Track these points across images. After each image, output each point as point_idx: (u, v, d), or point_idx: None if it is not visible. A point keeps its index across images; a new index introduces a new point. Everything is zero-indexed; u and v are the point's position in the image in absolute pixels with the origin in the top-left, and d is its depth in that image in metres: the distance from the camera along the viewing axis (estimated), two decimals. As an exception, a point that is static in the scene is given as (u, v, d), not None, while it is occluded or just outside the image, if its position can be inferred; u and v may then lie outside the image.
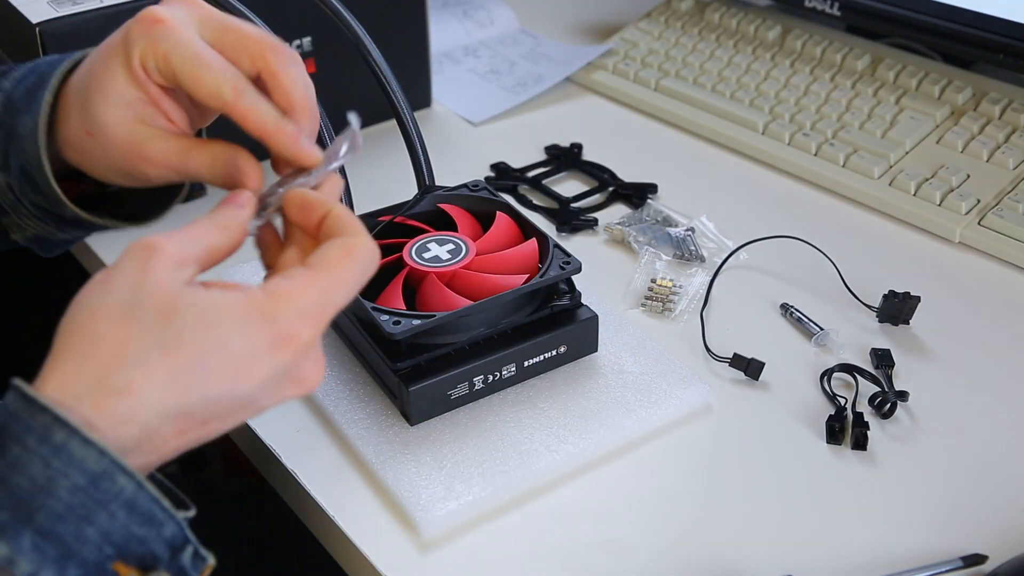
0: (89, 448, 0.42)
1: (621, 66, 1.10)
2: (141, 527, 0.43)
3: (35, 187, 0.58)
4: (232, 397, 0.45)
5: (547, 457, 0.65)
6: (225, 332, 0.44)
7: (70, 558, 0.41)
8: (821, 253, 0.82)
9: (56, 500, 0.41)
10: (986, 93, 0.97)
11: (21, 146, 0.57)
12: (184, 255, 0.46)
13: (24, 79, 0.58)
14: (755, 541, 0.62)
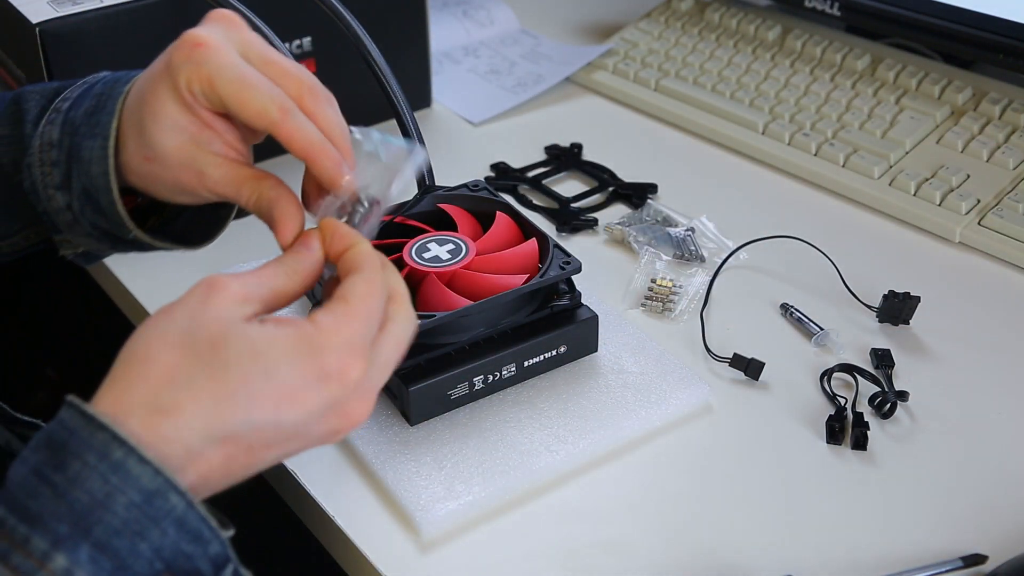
0: (145, 467, 0.43)
1: (621, 66, 1.10)
2: (189, 544, 0.45)
3: (97, 209, 0.59)
4: (276, 424, 0.46)
5: (547, 457, 0.65)
6: (273, 361, 0.46)
7: (124, 571, 0.43)
8: (821, 253, 0.82)
9: (113, 515, 0.43)
10: (986, 93, 0.97)
11: (86, 170, 0.58)
12: (248, 295, 0.48)
13: (81, 100, 0.59)
14: (755, 541, 0.62)
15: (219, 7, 0.77)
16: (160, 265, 0.85)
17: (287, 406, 0.46)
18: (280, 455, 0.49)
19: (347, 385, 0.47)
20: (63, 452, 0.43)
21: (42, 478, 0.43)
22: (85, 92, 0.60)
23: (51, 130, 0.59)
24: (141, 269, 0.85)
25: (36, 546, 0.42)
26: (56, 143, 0.59)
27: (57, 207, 0.60)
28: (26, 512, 0.43)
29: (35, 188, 0.60)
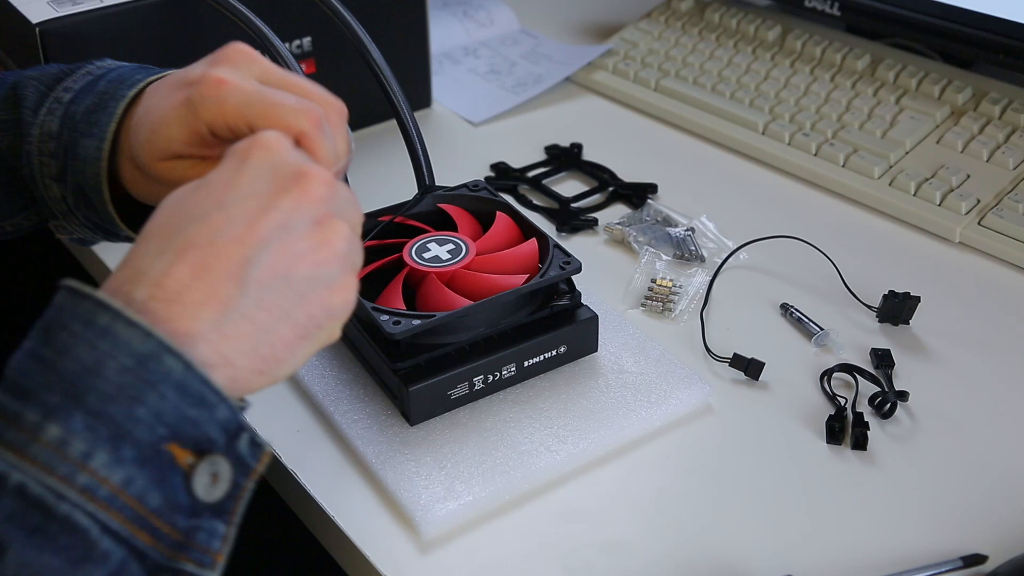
0: (134, 329, 0.42)
1: (621, 66, 1.10)
2: (193, 408, 0.43)
3: (89, 205, 0.60)
4: (220, 206, 0.45)
5: (547, 457, 0.65)
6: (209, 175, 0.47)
7: (123, 438, 0.41)
8: (821, 253, 0.82)
9: (104, 381, 0.41)
10: (986, 93, 0.97)
11: (80, 168, 0.58)
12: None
13: (83, 95, 0.59)
14: (755, 541, 0.62)
15: (218, 7, 0.77)
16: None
17: (223, 190, 0.46)
18: (279, 275, 0.46)
19: (271, 151, 0.47)
20: (50, 327, 0.43)
21: (32, 356, 0.42)
22: (88, 86, 0.60)
23: (51, 121, 0.60)
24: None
25: (27, 419, 0.41)
26: (55, 135, 0.59)
27: (53, 196, 0.61)
28: (17, 389, 0.42)
29: (33, 176, 0.61)
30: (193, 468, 0.43)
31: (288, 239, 0.46)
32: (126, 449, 0.41)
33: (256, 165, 0.47)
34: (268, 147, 0.47)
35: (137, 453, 0.42)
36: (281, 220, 0.46)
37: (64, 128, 0.59)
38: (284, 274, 0.46)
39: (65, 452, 0.40)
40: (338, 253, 0.48)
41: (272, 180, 0.47)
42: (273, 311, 0.46)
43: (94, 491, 0.41)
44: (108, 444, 0.41)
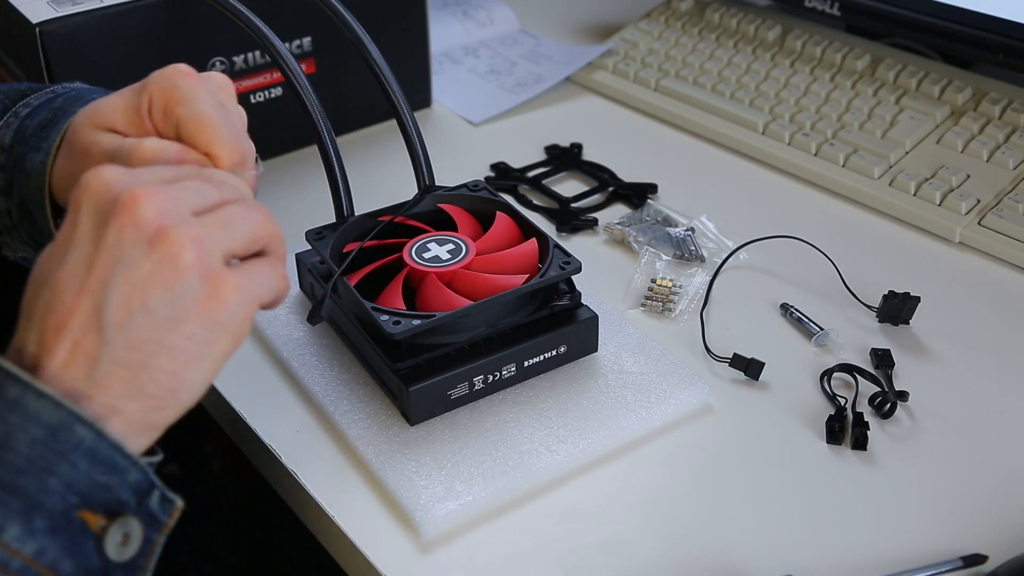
0: (44, 401, 0.42)
1: (621, 66, 1.10)
2: (104, 475, 0.43)
3: (32, 221, 0.59)
4: (60, 262, 0.45)
5: (547, 457, 0.65)
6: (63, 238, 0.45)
7: (35, 509, 0.42)
8: (821, 253, 0.82)
9: (15, 454, 0.42)
10: (986, 93, 0.97)
11: (25, 181, 0.58)
12: None
13: (39, 111, 0.59)
14: (755, 541, 0.62)
15: (219, 8, 0.78)
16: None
17: (60, 246, 0.45)
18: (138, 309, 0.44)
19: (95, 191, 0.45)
20: None
21: None
22: (46, 103, 0.60)
23: (5, 134, 0.60)
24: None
25: None
26: (6, 148, 0.59)
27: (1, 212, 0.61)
28: None
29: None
30: (105, 531, 0.44)
31: (128, 271, 0.44)
32: (38, 520, 0.42)
33: (84, 211, 0.45)
34: (88, 187, 0.45)
35: (49, 523, 0.42)
36: (113, 255, 0.44)
37: (16, 142, 0.59)
38: (139, 307, 0.44)
39: None
40: (186, 264, 0.45)
41: (97, 218, 0.45)
42: (144, 347, 0.45)
43: (7, 564, 0.41)
44: (20, 517, 0.41)
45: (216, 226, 0.46)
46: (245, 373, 0.74)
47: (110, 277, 0.44)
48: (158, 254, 0.44)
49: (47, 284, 0.45)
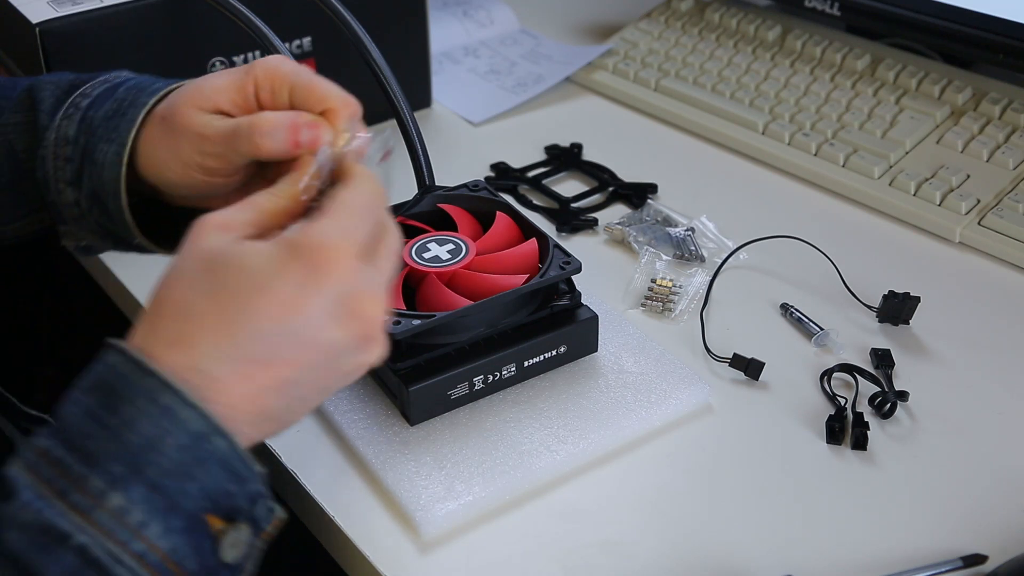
0: (191, 410, 0.45)
1: (621, 66, 1.10)
2: (232, 483, 0.47)
3: (104, 211, 0.60)
4: (284, 332, 0.47)
5: (547, 457, 0.65)
6: (262, 271, 0.47)
7: (174, 510, 0.45)
8: (821, 253, 0.82)
9: (163, 457, 0.45)
10: (986, 93, 0.97)
11: (98, 173, 0.59)
12: (228, 221, 0.49)
13: (101, 101, 0.60)
14: (755, 541, 0.62)
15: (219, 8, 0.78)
16: (159, 265, 0.85)
17: (288, 308, 0.47)
18: (306, 367, 0.48)
19: (342, 276, 0.47)
20: (114, 396, 0.45)
21: (96, 420, 0.45)
22: (106, 93, 0.60)
23: (68, 125, 0.60)
24: (139, 268, 0.85)
25: (93, 485, 0.44)
26: (72, 140, 0.60)
27: (66, 201, 0.61)
28: (83, 452, 0.44)
29: (47, 179, 0.61)
30: (222, 534, 0.47)
31: (335, 365, 0.49)
32: (175, 520, 0.45)
33: (324, 291, 0.47)
34: (332, 271, 0.47)
35: (183, 523, 0.45)
36: (335, 354, 0.49)
37: (81, 133, 0.59)
38: (325, 386, 0.50)
39: (125, 520, 0.44)
40: (376, 361, 0.51)
41: (333, 312, 0.48)
42: (305, 404, 0.51)
43: (146, 557, 0.44)
44: (162, 515, 0.45)
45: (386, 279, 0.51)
46: (245, 373, 0.74)
47: (320, 364, 0.48)
48: (364, 359, 0.50)
49: (258, 338, 0.47)
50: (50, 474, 0.44)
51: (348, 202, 0.50)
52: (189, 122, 0.56)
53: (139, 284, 0.83)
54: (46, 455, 0.45)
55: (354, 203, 0.50)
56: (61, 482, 0.44)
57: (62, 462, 0.45)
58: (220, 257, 0.47)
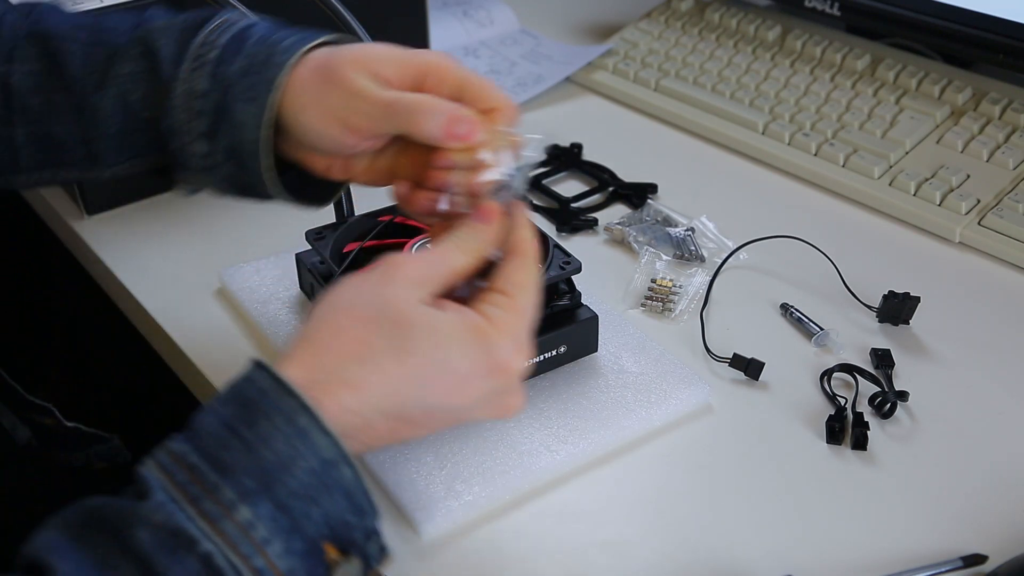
0: (326, 437, 0.47)
1: (621, 66, 1.10)
2: (351, 514, 0.48)
3: (241, 167, 0.60)
4: (444, 408, 0.51)
5: (547, 457, 0.65)
6: (451, 352, 0.50)
7: (296, 532, 0.46)
8: (821, 253, 0.82)
9: (294, 478, 0.46)
10: (986, 93, 0.97)
11: (237, 132, 0.59)
12: (426, 276, 0.52)
13: (231, 55, 0.60)
14: (755, 541, 0.62)
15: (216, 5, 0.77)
16: (160, 265, 0.85)
17: (458, 393, 0.50)
18: (436, 430, 0.53)
19: (511, 377, 0.52)
20: (254, 411, 0.47)
21: (233, 432, 0.46)
22: (233, 45, 0.60)
23: (198, 78, 0.59)
24: (140, 269, 0.85)
25: (224, 495, 0.45)
26: (203, 94, 0.59)
27: (197, 152, 0.61)
28: (218, 462, 0.46)
29: (174, 130, 0.60)
30: (335, 564, 0.47)
31: (475, 414, 0.53)
32: (296, 541, 0.46)
33: (494, 385, 0.52)
34: (508, 374, 0.52)
35: (303, 546, 0.46)
36: (477, 414, 0.53)
37: (214, 88, 0.59)
38: (452, 424, 0.54)
39: (250, 534, 0.45)
40: (517, 411, 0.54)
41: (490, 396, 0.52)
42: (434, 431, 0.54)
43: (264, 574, 0.45)
44: (285, 535, 0.46)
45: None
46: (245, 373, 0.74)
47: (463, 416, 0.52)
48: (503, 409, 0.53)
49: (422, 408, 0.50)
50: (184, 479, 0.45)
51: (526, 294, 0.53)
52: (350, 81, 0.57)
53: (141, 286, 0.83)
54: (181, 460, 0.46)
55: (529, 295, 0.53)
56: (194, 488, 0.45)
57: (197, 468, 0.46)
58: (417, 321, 0.50)
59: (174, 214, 0.91)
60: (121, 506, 0.45)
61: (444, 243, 0.54)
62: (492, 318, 0.51)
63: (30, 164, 0.64)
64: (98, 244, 0.88)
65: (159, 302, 0.81)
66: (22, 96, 0.62)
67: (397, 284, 0.50)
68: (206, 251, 0.86)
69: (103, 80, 0.61)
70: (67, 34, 0.62)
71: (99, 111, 0.61)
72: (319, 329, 0.50)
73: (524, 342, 0.52)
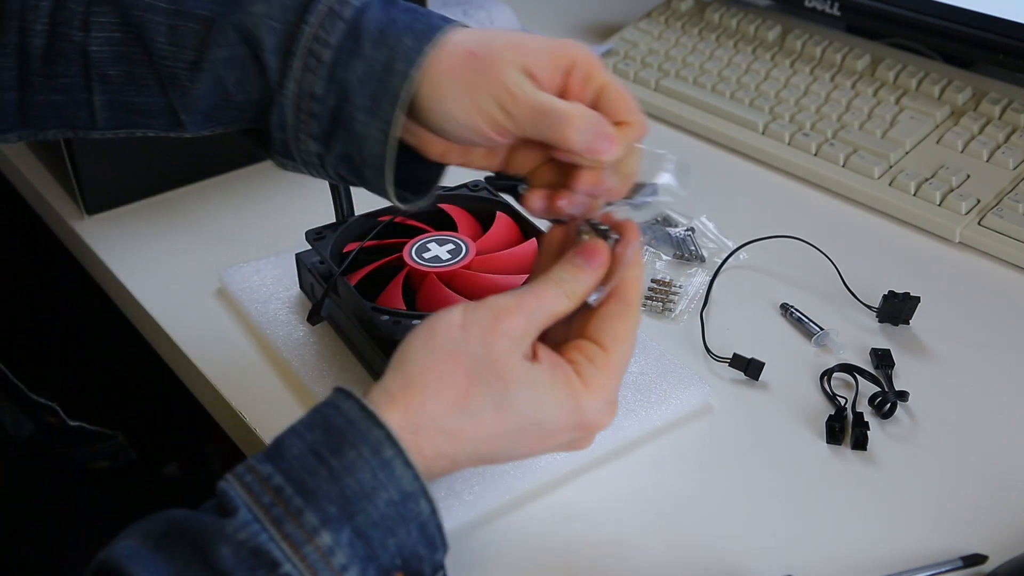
0: (408, 470, 0.48)
1: (621, 66, 1.10)
2: (424, 548, 0.49)
3: (354, 172, 0.58)
4: (526, 456, 0.53)
5: (547, 457, 0.65)
6: (546, 412, 0.51)
7: (372, 559, 0.47)
8: (821, 253, 0.82)
9: (374, 508, 0.47)
10: (986, 93, 0.97)
11: (357, 143, 0.57)
12: (530, 327, 0.52)
13: (348, 56, 0.56)
14: (755, 541, 0.62)
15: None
16: (160, 265, 0.85)
17: (543, 445, 0.52)
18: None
19: (594, 433, 0.54)
20: (340, 439, 0.48)
21: (319, 458, 0.47)
22: (348, 44, 0.56)
23: (312, 80, 0.57)
24: (140, 269, 0.85)
25: (308, 520, 0.46)
26: (319, 98, 0.57)
27: (306, 150, 0.59)
28: (303, 486, 0.46)
29: (283, 125, 0.58)
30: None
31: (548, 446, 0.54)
32: (371, 570, 0.47)
33: (576, 437, 0.54)
34: (592, 431, 0.54)
35: (376, 575, 0.47)
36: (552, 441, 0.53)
37: (331, 93, 0.56)
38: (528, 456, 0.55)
39: (329, 560, 0.46)
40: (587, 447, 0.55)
41: (569, 442, 0.54)
42: None
43: None
44: (361, 562, 0.47)
45: None
46: (245, 373, 0.74)
47: (533, 453, 0.54)
48: (573, 448, 0.55)
49: (505, 450, 0.52)
50: (269, 501, 0.46)
51: (624, 348, 0.53)
52: (504, 76, 0.54)
53: (141, 286, 0.83)
54: (266, 482, 0.47)
55: (627, 350, 0.54)
56: (278, 510, 0.46)
57: (282, 491, 0.46)
58: (518, 378, 0.51)
59: (174, 214, 0.91)
60: (204, 521, 0.46)
61: (547, 285, 0.53)
62: (586, 378, 0.52)
63: (108, 124, 0.63)
64: (98, 244, 0.88)
65: (159, 302, 0.81)
66: (102, 66, 0.60)
67: (502, 337, 0.51)
68: (206, 251, 0.86)
69: (197, 62, 0.58)
70: (145, 2, 0.59)
71: (190, 91, 0.59)
72: (423, 372, 0.50)
73: (614, 400, 0.53)
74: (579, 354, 0.53)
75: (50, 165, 0.96)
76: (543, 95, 0.54)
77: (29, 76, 0.61)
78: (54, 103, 0.62)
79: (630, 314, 0.54)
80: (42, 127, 0.63)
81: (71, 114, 0.62)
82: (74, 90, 0.61)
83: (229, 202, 0.92)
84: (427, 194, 0.60)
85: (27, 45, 0.61)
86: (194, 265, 0.84)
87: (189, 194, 0.94)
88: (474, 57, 0.54)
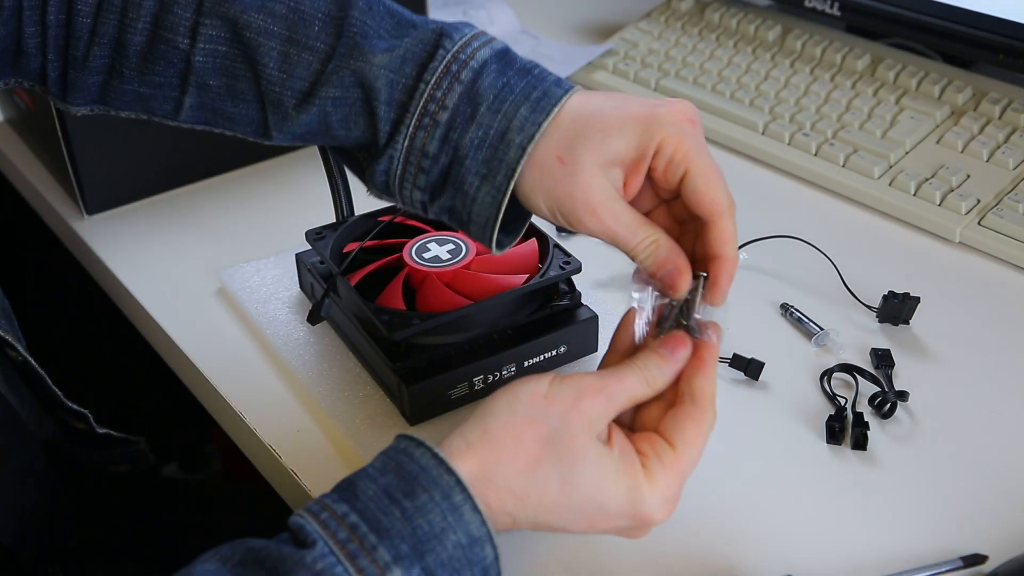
0: (476, 515, 0.50)
1: (621, 66, 1.10)
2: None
3: (460, 224, 0.59)
4: (581, 532, 0.54)
5: (547, 457, 0.65)
6: (607, 496, 0.52)
7: None
8: (821, 253, 0.82)
9: (443, 549, 0.49)
10: (986, 93, 0.97)
11: (467, 204, 0.58)
12: (610, 410, 0.53)
13: (463, 120, 0.57)
14: (755, 541, 0.62)
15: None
16: (160, 265, 0.85)
17: (598, 525, 0.53)
18: None
19: (649, 527, 0.54)
20: (413, 483, 0.50)
21: (393, 500, 0.50)
22: (465, 108, 0.57)
23: (425, 139, 0.57)
24: (140, 269, 0.85)
25: (381, 556, 0.48)
26: (432, 156, 0.57)
27: (410, 197, 0.60)
28: (377, 525, 0.49)
29: (389, 171, 0.59)
30: None
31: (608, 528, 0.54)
32: None
33: (630, 526, 0.54)
34: (648, 526, 0.54)
35: None
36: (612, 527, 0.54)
37: (444, 153, 0.57)
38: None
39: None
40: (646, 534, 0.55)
41: (623, 529, 0.54)
42: None
43: None
44: None
45: None
46: (245, 373, 0.74)
47: (588, 531, 0.54)
48: (626, 536, 0.55)
49: (563, 519, 0.52)
50: (344, 536, 0.48)
51: (693, 450, 0.54)
52: (588, 184, 0.55)
53: (140, 284, 0.83)
54: (342, 519, 0.49)
55: (695, 453, 0.54)
56: (352, 545, 0.48)
57: (357, 528, 0.49)
58: (588, 459, 0.52)
59: (174, 214, 0.91)
60: (281, 551, 0.48)
61: (630, 371, 0.54)
62: (651, 472, 0.53)
63: (191, 120, 0.64)
64: (98, 244, 0.88)
65: (159, 302, 0.81)
66: (202, 75, 0.61)
67: (580, 414, 0.52)
68: (206, 251, 0.86)
69: (308, 95, 0.59)
70: (260, 25, 0.59)
71: (293, 117, 0.60)
72: (501, 431, 0.52)
73: (674, 499, 0.54)
74: (649, 447, 0.54)
75: (50, 165, 0.96)
76: (619, 220, 0.55)
77: (121, 68, 0.63)
78: (141, 94, 0.63)
79: (705, 419, 0.55)
80: (119, 108, 0.65)
81: (155, 105, 0.64)
82: (166, 88, 0.63)
83: (229, 202, 0.92)
84: (519, 234, 0.61)
85: (125, 40, 0.62)
86: (194, 265, 0.84)
87: (189, 194, 0.94)
88: (562, 164, 0.55)
